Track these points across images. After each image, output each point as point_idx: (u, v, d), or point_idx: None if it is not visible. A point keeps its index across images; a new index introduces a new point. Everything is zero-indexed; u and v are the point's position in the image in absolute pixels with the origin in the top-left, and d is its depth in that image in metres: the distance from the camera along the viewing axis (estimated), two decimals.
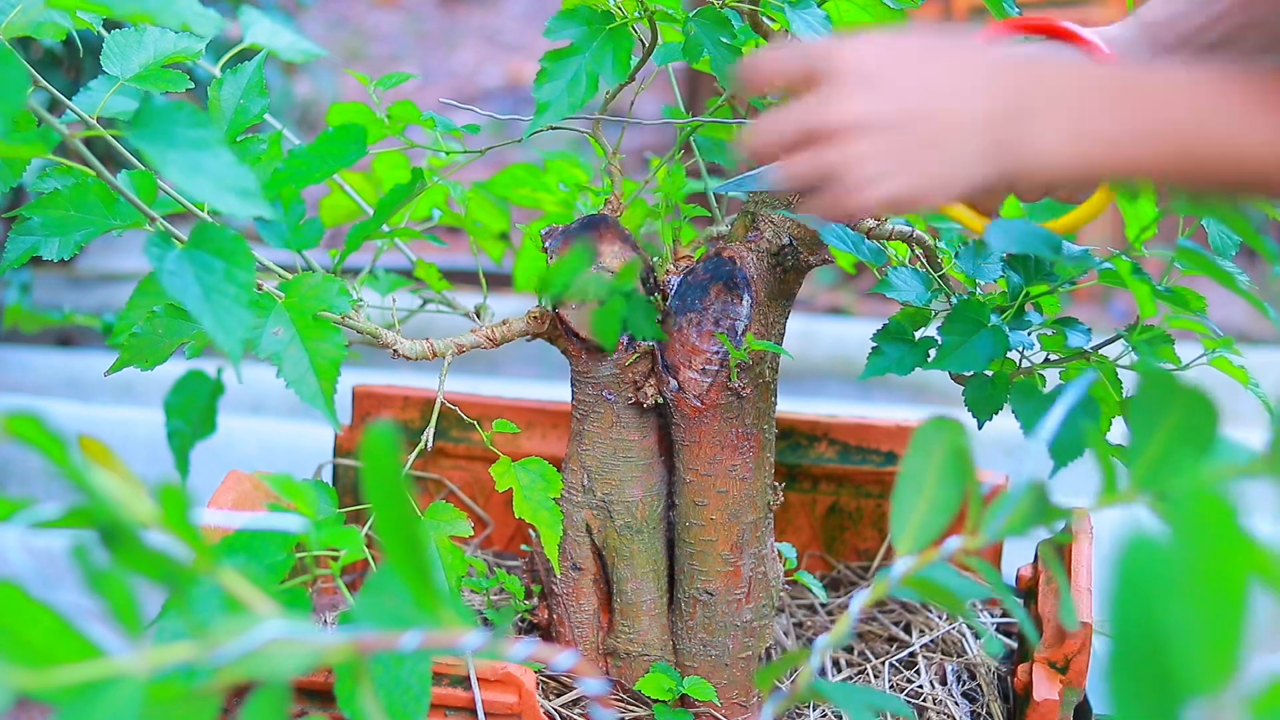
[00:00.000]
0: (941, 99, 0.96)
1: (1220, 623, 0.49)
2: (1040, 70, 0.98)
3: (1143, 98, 0.96)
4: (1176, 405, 0.79)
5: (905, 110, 0.96)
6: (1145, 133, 0.96)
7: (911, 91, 0.96)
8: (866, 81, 0.97)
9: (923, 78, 0.97)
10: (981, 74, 0.97)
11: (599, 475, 1.34)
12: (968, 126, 0.96)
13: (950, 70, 0.97)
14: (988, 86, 0.97)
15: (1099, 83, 0.97)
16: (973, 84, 0.97)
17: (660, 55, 1.32)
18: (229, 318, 1.00)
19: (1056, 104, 0.96)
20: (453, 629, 0.66)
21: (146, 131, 0.94)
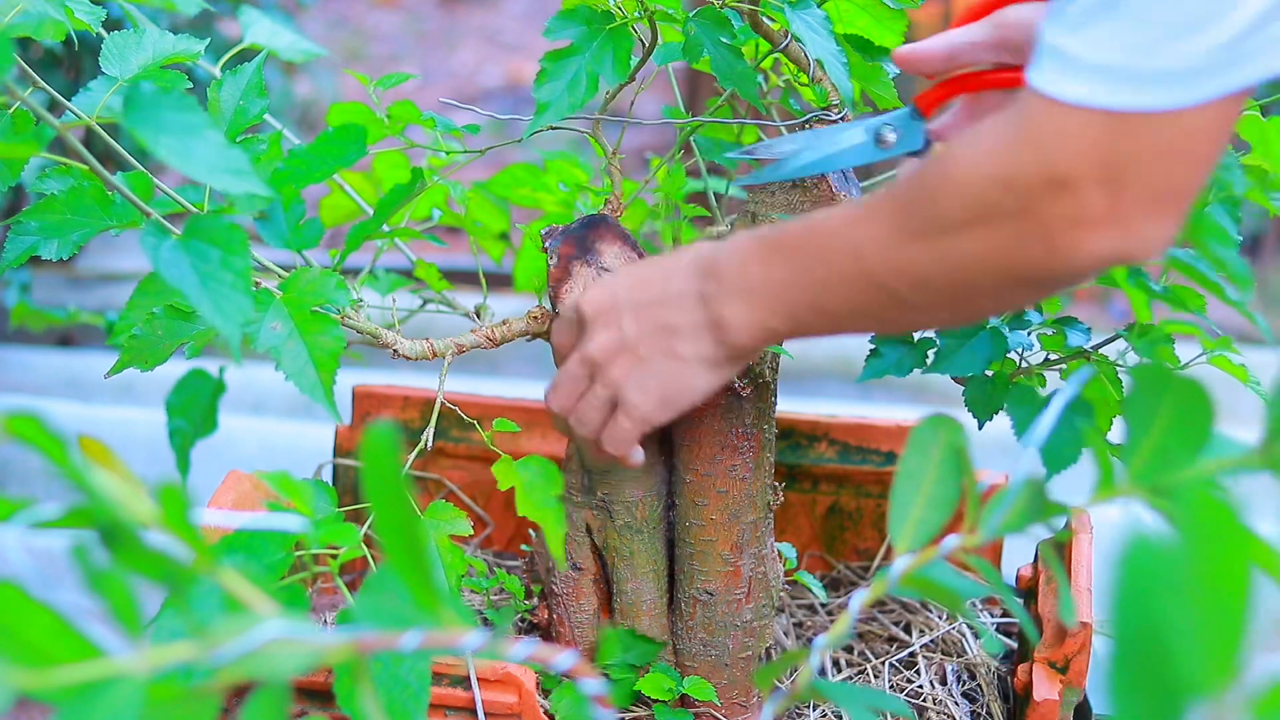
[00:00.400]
0: (659, 303, 1.11)
1: (1222, 623, 0.49)
2: (724, 246, 1.09)
3: (790, 245, 1.05)
4: (1172, 397, 0.79)
5: (631, 328, 1.11)
6: (793, 279, 1.04)
7: (630, 309, 1.12)
8: (600, 319, 1.14)
9: (637, 296, 1.12)
10: (685, 264, 1.10)
11: (599, 475, 1.33)
12: (688, 308, 1.09)
13: (655, 279, 1.12)
14: (690, 271, 1.10)
15: (758, 243, 1.07)
16: (678, 276, 1.10)
17: (660, 55, 1.32)
18: (227, 304, 1.00)
19: (730, 275, 1.07)
20: (453, 629, 0.66)
21: (137, 118, 0.94)
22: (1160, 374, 0.78)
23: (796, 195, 1.28)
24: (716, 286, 1.07)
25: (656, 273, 1.12)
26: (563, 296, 1.30)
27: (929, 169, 0.97)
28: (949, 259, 0.96)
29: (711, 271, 1.08)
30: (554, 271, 1.31)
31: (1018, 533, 0.83)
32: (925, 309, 1.02)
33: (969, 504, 0.84)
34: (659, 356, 1.11)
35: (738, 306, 1.06)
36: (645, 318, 1.10)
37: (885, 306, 1.02)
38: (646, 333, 1.11)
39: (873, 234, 0.99)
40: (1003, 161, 0.91)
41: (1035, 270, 0.94)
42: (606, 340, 1.13)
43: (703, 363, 1.10)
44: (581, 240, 1.31)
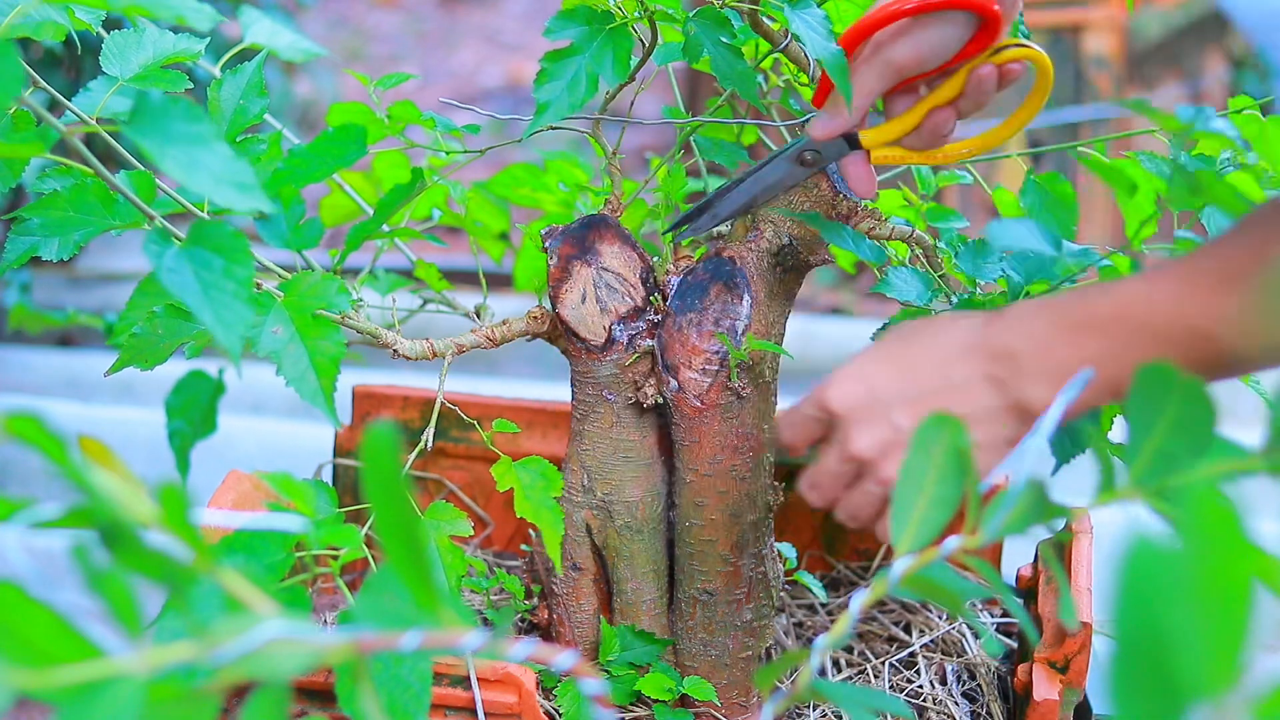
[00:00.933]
0: (940, 393, 1.04)
1: (1224, 624, 0.49)
2: (1008, 324, 1.03)
3: (1100, 321, 0.99)
4: (1175, 400, 0.79)
5: (906, 421, 1.05)
6: (1109, 356, 0.98)
7: (902, 403, 1.05)
8: (861, 416, 1.07)
9: (905, 389, 1.05)
10: (961, 347, 1.04)
11: (599, 475, 1.33)
12: (978, 394, 1.03)
13: (924, 367, 1.05)
14: (972, 356, 1.03)
15: (1057, 320, 1.01)
16: (959, 363, 1.04)
17: (660, 55, 1.32)
18: (228, 314, 1.00)
19: (1031, 357, 1.01)
20: (453, 629, 0.66)
21: (143, 127, 0.94)
22: (1163, 376, 0.78)
23: (796, 195, 1.28)
24: (1013, 369, 1.01)
25: (921, 360, 1.05)
26: (563, 296, 1.30)
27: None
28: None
29: (1002, 354, 1.02)
30: (554, 271, 1.31)
31: (1019, 534, 0.83)
32: (1271, 364, 0.99)
33: (970, 505, 0.84)
34: None
35: (1044, 388, 1.00)
36: (924, 409, 1.00)
37: (1227, 370, 0.98)
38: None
39: (1226, 313, 0.94)
40: None
41: None
42: (875, 437, 1.06)
43: (997, 445, 1.04)
44: (581, 240, 1.31)
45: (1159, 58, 3.44)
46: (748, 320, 1.27)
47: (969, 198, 3.08)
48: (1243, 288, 0.93)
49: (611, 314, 1.30)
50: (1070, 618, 0.90)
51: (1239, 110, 1.25)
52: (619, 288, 1.31)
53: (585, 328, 1.30)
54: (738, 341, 1.27)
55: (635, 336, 1.30)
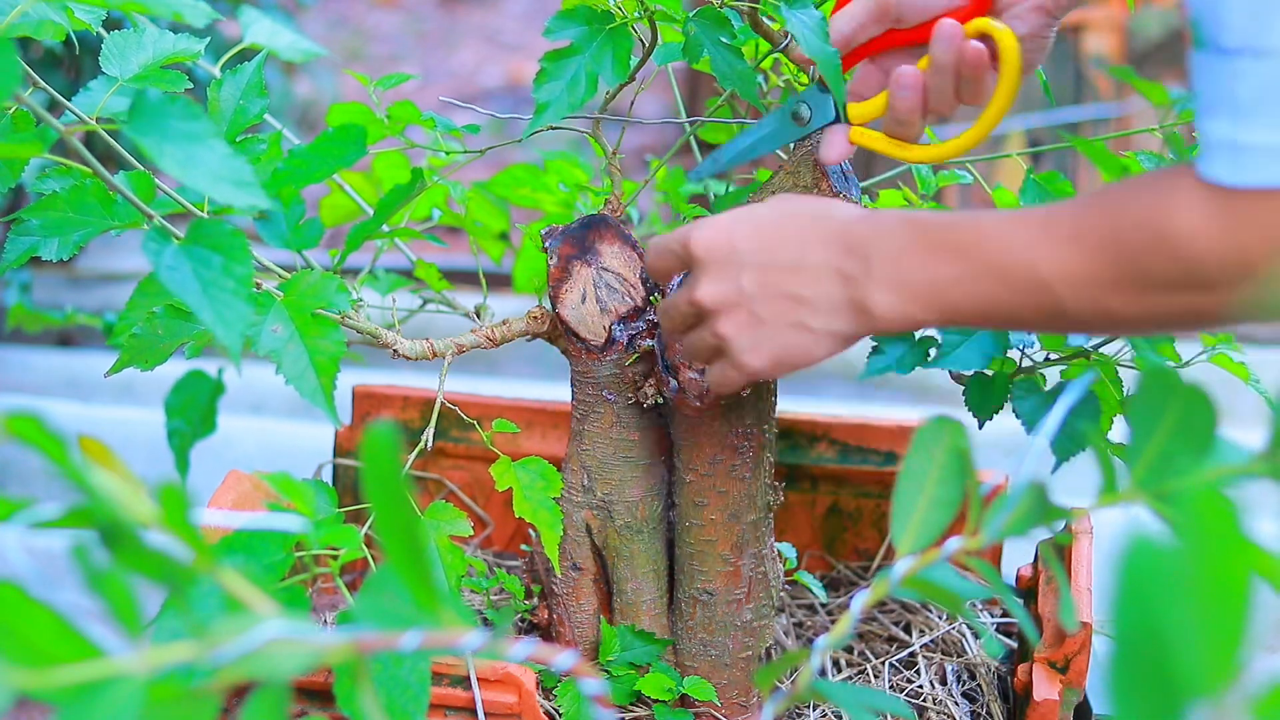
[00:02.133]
0: (790, 270, 1.06)
1: (1223, 624, 0.49)
2: (873, 226, 1.04)
3: (955, 245, 1.01)
4: (1176, 403, 0.79)
5: (751, 286, 1.07)
6: (954, 282, 1.00)
7: (754, 268, 1.07)
8: (714, 266, 1.09)
9: (761, 256, 1.07)
10: (824, 235, 1.05)
11: (599, 475, 1.33)
12: (825, 283, 1.05)
13: (785, 241, 1.06)
14: (831, 245, 1.05)
15: (917, 235, 1.02)
16: (818, 247, 1.05)
17: (660, 55, 1.32)
18: (228, 312, 1.00)
19: (883, 261, 1.03)
20: (453, 629, 0.66)
21: (142, 126, 0.94)
22: (1165, 379, 0.78)
23: (798, 194, 1.28)
24: (864, 269, 1.03)
25: (785, 233, 1.07)
26: (563, 296, 1.30)
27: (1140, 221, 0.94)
28: (1148, 310, 0.96)
29: (858, 251, 1.03)
30: (554, 271, 1.31)
31: (1020, 536, 0.83)
32: (1095, 330, 1.01)
33: (971, 507, 0.84)
34: (781, 323, 1.06)
35: (888, 295, 1.03)
36: (770, 281, 1.06)
37: (1053, 324, 1.01)
38: (770, 296, 1.06)
39: (1068, 269, 0.97)
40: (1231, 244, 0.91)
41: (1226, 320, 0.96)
42: (720, 291, 1.08)
43: (831, 336, 1.06)
44: (581, 240, 1.31)
45: (1159, 58, 3.44)
46: None
47: (969, 197, 3.08)
48: (1087, 247, 0.96)
49: (611, 314, 1.30)
50: (1070, 618, 0.90)
51: None
52: (619, 288, 1.31)
53: (585, 328, 1.30)
54: None
55: (635, 336, 1.30)
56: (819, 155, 1.21)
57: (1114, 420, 1.28)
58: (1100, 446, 0.86)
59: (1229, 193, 0.90)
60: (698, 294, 1.09)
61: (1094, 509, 0.84)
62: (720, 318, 1.09)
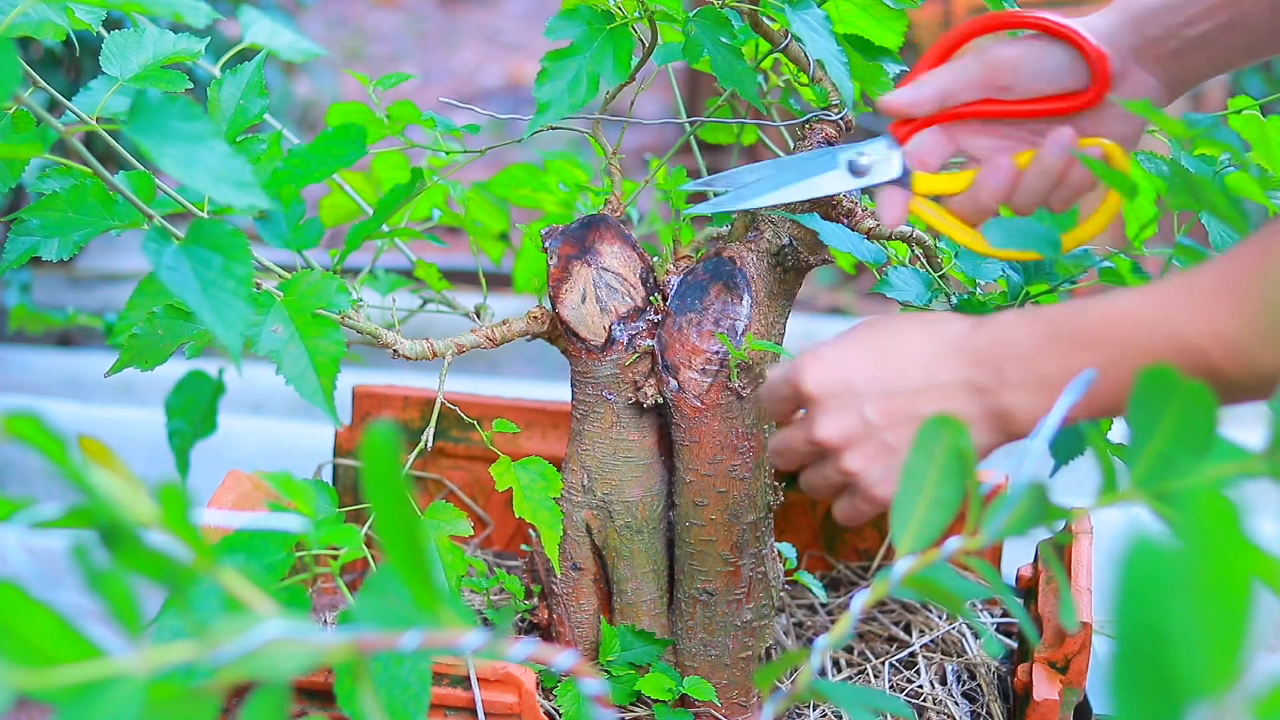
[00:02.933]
0: (916, 394, 1.02)
1: (1224, 624, 0.49)
2: (996, 333, 1.00)
3: (1089, 335, 0.97)
4: (1176, 402, 0.79)
5: (876, 416, 1.03)
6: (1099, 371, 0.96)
7: (875, 397, 1.03)
8: (831, 402, 1.05)
9: (881, 384, 1.03)
10: (944, 350, 1.02)
11: (599, 475, 1.33)
12: (957, 399, 1.01)
13: (911, 360, 1.03)
14: (954, 360, 1.01)
15: (1046, 333, 0.98)
16: (941, 365, 1.01)
17: (660, 55, 1.32)
18: (228, 312, 1.00)
19: (1016, 366, 0.99)
20: (453, 629, 0.66)
21: (141, 125, 0.94)
22: (1165, 378, 0.78)
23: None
24: (997, 378, 0.99)
25: (902, 356, 1.03)
26: (563, 296, 1.30)
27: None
28: None
29: (987, 361, 1.00)
30: (554, 271, 1.31)
31: (1019, 535, 0.83)
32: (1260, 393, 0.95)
33: (972, 507, 0.84)
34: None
35: (1028, 399, 0.99)
36: (896, 408, 1.02)
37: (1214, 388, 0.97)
38: (898, 423, 1.03)
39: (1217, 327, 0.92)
40: None
41: None
42: (842, 427, 1.05)
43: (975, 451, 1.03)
44: (581, 240, 1.31)
45: None
46: (748, 320, 1.27)
47: None
48: (1237, 304, 0.91)
49: (611, 314, 1.30)
50: (1070, 618, 0.90)
51: (1239, 110, 1.25)
52: (619, 288, 1.31)
53: (585, 328, 1.30)
54: (738, 341, 1.27)
55: (635, 336, 1.30)
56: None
57: (1114, 421, 1.28)
58: (1100, 446, 0.86)
59: None
60: (819, 434, 1.05)
61: (1094, 509, 0.84)
62: (846, 454, 1.05)
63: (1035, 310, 1.01)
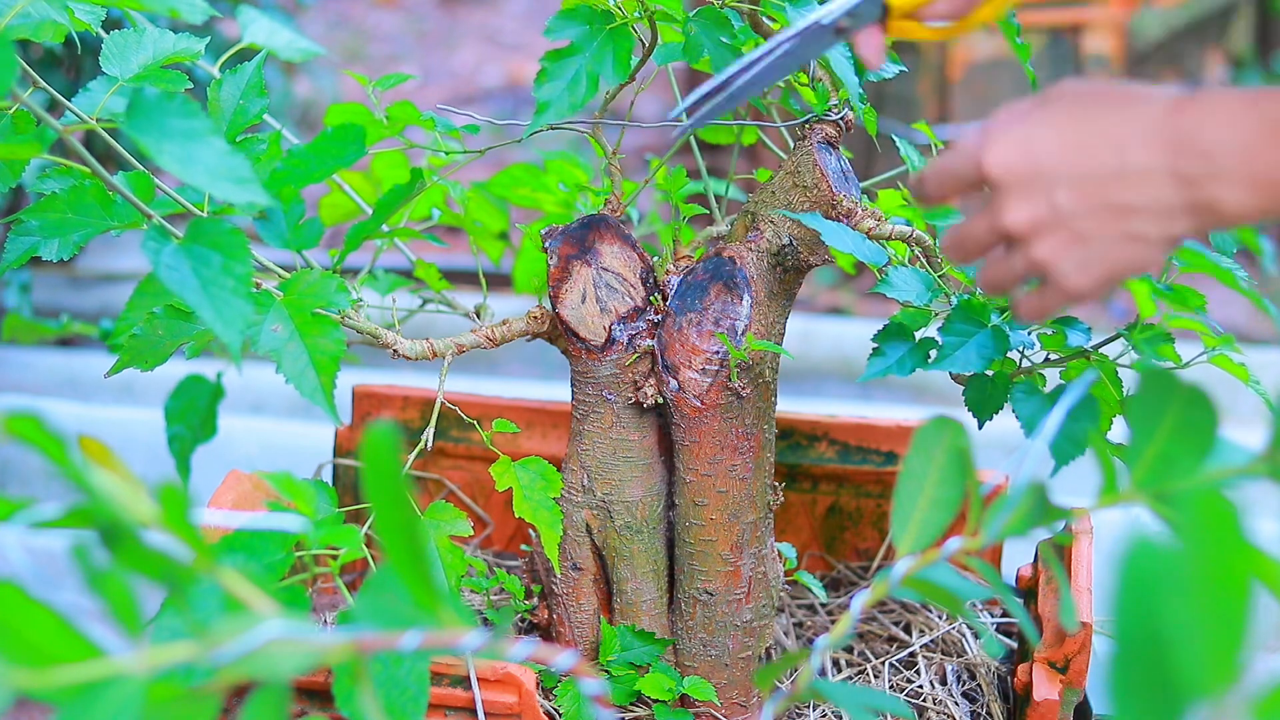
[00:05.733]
0: (1112, 178, 0.95)
1: (1223, 625, 0.49)
2: (1204, 115, 0.93)
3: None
4: (1176, 403, 0.79)
5: (1069, 202, 0.96)
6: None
7: (1068, 181, 0.96)
8: (1019, 186, 0.97)
9: (1075, 167, 0.96)
10: (1143, 132, 0.94)
11: (599, 475, 1.33)
12: (1157, 187, 0.94)
13: (1100, 146, 0.96)
14: (1155, 144, 0.94)
15: (1266, 123, 0.91)
16: (1139, 149, 0.95)
17: (660, 55, 1.32)
18: (228, 309, 1.00)
19: (1228, 156, 0.92)
20: (453, 629, 0.66)
21: (140, 123, 0.94)
22: (1165, 380, 0.78)
23: (797, 195, 1.28)
24: (1208, 168, 0.92)
25: (1096, 136, 0.95)
26: (562, 296, 1.31)
27: None
28: None
29: (1193, 147, 0.92)
30: (554, 271, 1.31)
31: (1020, 536, 0.83)
32: None
33: (972, 507, 0.84)
34: (1111, 237, 0.96)
35: (1241, 193, 0.92)
36: (1090, 193, 0.95)
37: None
38: (1093, 209, 0.95)
39: None
40: None
41: None
42: (1031, 213, 0.97)
43: (1168, 242, 0.96)
44: (581, 240, 1.31)
45: (1159, 58, 3.44)
46: (748, 320, 1.27)
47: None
48: None
49: (611, 314, 1.30)
50: (1070, 618, 0.90)
51: None
52: (619, 288, 1.31)
53: (585, 328, 1.30)
54: (738, 341, 1.27)
55: (635, 336, 1.30)
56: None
57: (1114, 421, 1.28)
58: (1100, 447, 0.86)
59: None
60: (1006, 219, 0.98)
61: (1094, 509, 0.84)
62: (1036, 242, 0.98)
63: (1249, 94, 0.93)
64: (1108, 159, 0.94)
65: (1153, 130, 0.93)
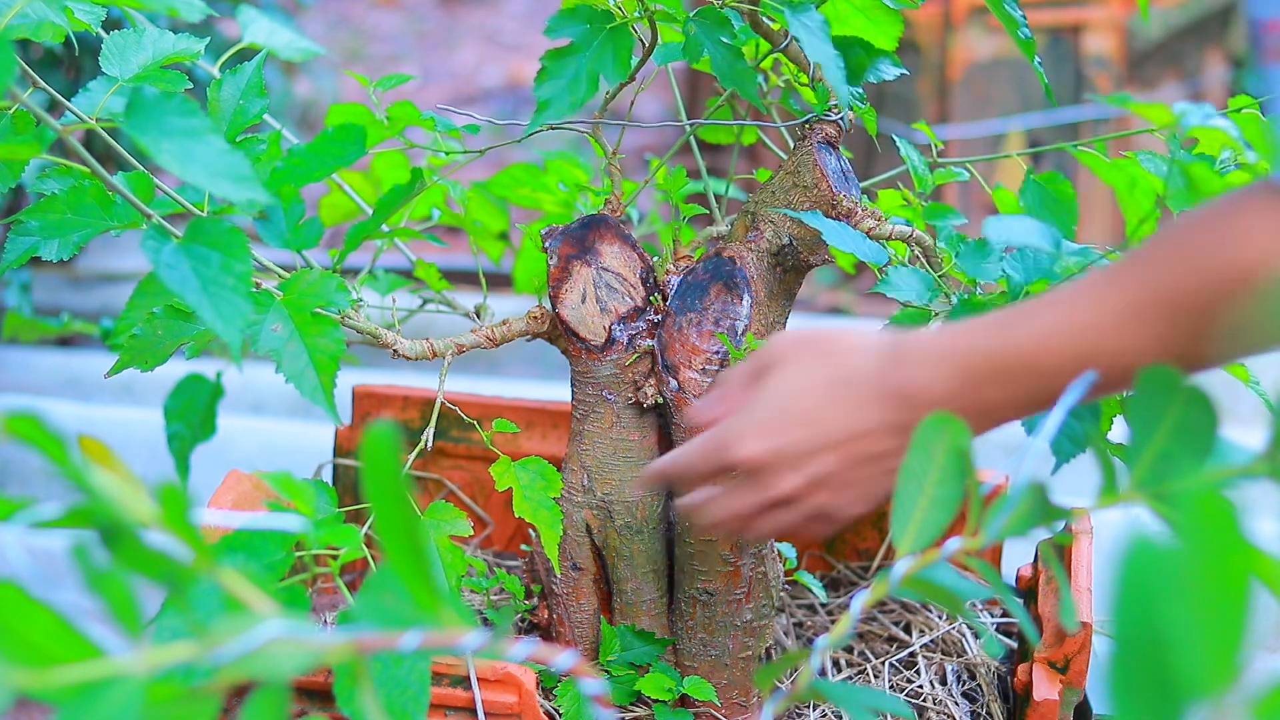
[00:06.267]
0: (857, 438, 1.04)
1: (1223, 625, 0.49)
2: (907, 374, 1.02)
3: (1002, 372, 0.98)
4: (1176, 403, 0.79)
5: (827, 466, 1.05)
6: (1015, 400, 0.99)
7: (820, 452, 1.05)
8: (779, 468, 1.06)
9: (823, 435, 1.05)
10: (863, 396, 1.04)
11: (599, 475, 1.33)
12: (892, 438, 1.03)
13: (838, 413, 1.04)
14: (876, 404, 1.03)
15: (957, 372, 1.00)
16: (869, 409, 1.03)
17: (660, 55, 1.32)
18: (228, 308, 1.00)
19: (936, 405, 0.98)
20: (453, 629, 0.66)
21: (139, 122, 0.94)
22: (1165, 380, 0.78)
23: (797, 195, 1.28)
24: (919, 418, 0.97)
25: (830, 409, 1.05)
26: (563, 296, 1.30)
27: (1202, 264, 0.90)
28: (1238, 348, 0.94)
29: (905, 404, 1.01)
30: (554, 271, 1.31)
31: (1020, 536, 0.83)
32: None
33: (972, 507, 0.84)
34: (871, 477, 1.06)
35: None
36: (842, 454, 1.04)
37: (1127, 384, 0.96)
38: (849, 466, 1.05)
39: (1139, 346, 0.93)
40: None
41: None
42: (801, 481, 1.06)
43: None
44: (581, 240, 1.31)
45: (1159, 58, 3.44)
46: (748, 320, 1.27)
47: (968, 197, 3.08)
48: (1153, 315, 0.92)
49: (611, 314, 1.30)
50: (1070, 618, 0.90)
51: (1239, 109, 1.26)
52: (619, 288, 1.31)
53: (585, 328, 1.30)
54: (738, 341, 1.27)
55: (635, 336, 1.30)
56: None
57: (1114, 420, 1.28)
58: (1100, 447, 0.86)
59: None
60: (780, 491, 1.07)
61: (1094, 509, 0.84)
62: (807, 499, 1.07)
63: (943, 344, 1.01)
64: (843, 424, 1.04)
65: (871, 392, 1.03)
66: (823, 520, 1.09)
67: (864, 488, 1.07)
